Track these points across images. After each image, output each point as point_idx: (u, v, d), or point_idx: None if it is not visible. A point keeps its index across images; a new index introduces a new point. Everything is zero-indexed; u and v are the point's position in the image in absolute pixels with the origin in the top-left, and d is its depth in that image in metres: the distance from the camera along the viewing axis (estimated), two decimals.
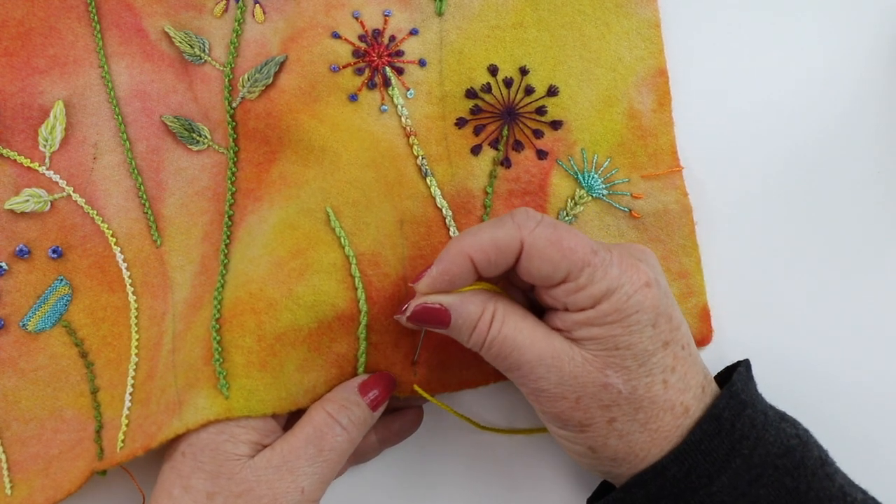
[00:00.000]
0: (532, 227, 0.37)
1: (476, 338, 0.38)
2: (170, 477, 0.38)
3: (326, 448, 0.38)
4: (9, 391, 0.43)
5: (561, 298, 0.37)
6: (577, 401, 0.37)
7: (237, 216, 0.44)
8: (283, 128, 0.45)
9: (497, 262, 0.37)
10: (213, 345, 0.40)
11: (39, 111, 0.45)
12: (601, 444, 0.37)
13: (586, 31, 0.47)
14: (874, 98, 0.49)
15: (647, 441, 0.37)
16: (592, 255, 0.36)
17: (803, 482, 0.36)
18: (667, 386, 0.37)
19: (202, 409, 0.38)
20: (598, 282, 0.36)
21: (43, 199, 0.44)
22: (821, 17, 0.49)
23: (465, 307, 0.38)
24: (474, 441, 0.46)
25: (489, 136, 0.47)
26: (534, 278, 0.37)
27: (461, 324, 0.38)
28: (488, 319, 0.37)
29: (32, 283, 0.44)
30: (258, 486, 0.37)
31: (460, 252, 0.37)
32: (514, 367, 0.37)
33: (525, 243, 0.37)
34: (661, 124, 0.47)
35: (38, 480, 0.42)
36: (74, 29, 0.45)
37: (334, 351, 0.41)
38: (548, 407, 0.37)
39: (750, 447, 0.36)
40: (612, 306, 0.36)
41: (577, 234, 0.37)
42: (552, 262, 0.36)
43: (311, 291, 0.40)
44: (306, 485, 0.38)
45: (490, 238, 0.37)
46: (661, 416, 0.37)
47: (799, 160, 0.48)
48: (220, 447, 0.38)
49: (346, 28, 0.46)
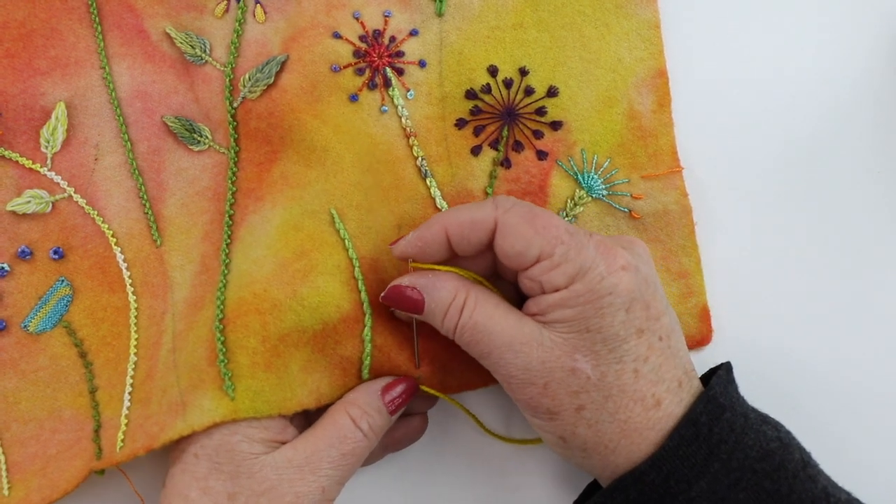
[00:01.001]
0: (508, 206, 0.38)
1: (448, 323, 0.38)
2: (183, 479, 0.38)
3: (348, 452, 0.39)
4: (9, 392, 0.43)
5: (537, 278, 0.37)
6: (545, 386, 0.37)
7: (238, 216, 0.44)
8: (284, 127, 0.45)
9: (470, 239, 0.38)
10: (217, 345, 0.40)
11: (41, 112, 0.45)
12: (570, 433, 0.37)
13: (586, 32, 0.47)
14: (874, 98, 0.49)
15: (616, 432, 0.37)
16: (567, 235, 0.37)
17: (784, 485, 0.36)
18: (637, 375, 0.37)
19: (208, 411, 0.38)
20: (571, 260, 0.37)
21: (44, 200, 0.44)
22: (821, 17, 0.49)
23: (438, 292, 0.39)
24: (475, 444, 0.46)
25: (489, 136, 0.47)
26: (510, 258, 0.38)
27: (433, 308, 0.39)
28: (460, 304, 0.38)
29: (34, 285, 0.44)
30: (280, 484, 0.37)
31: (438, 223, 0.39)
32: (485, 353, 0.38)
33: (499, 221, 0.38)
34: (661, 125, 0.47)
35: (36, 480, 0.42)
36: (76, 30, 0.46)
37: (339, 353, 0.41)
38: (518, 394, 0.38)
39: (728, 451, 0.36)
40: (586, 286, 0.36)
41: (553, 215, 0.38)
42: (525, 238, 0.37)
43: (315, 293, 0.40)
44: (327, 485, 0.38)
45: (468, 215, 0.38)
46: (631, 407, 0.37)
47: (799, 160, 0.48)
48: (237, 447, 0.38)
49: (347, 28, 0.46)
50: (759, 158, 0.48)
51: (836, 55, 0.49)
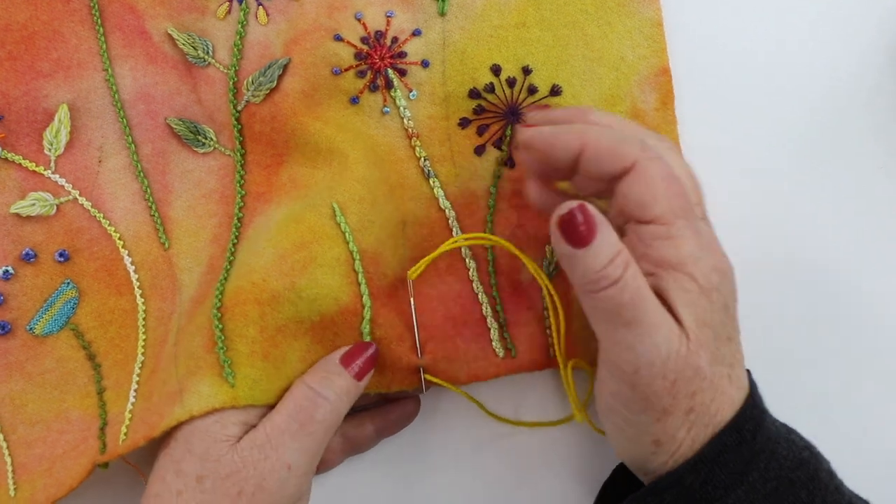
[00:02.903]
0: (654, 155, 0.35)
1: (612, 271, 0.33)
2: (163, 462, 0.38)
3: (310, 421, 0.38)
4: (16, 395, 0.43)
5: (648, 240, 0.35)
6: (674, 384, 0.34)
7: (246, 218, 0.45)
8: (288, 131, 0.45)
9: (601, 165, 0.35)
10: (215, 333, 0.40)
11: (44, 115, 0.45)
12: (670, 437, 0.35)
13: (589, 31, 0.47)
14: (876, 96, 0.49)
15: (701, 436, 0.35)
16: (691, 214, 0.35)
17: (818, 496, 0.35)
18: (730, 380, 0.36)
19: (206, 397, 0.38)
20: (687, 239, 0.34)
21: (49, 202, 0.44)
22: (823, 15, 0.49)
23: (611, 234, 0.34)
24: (473, 432, 0.46)
25: (493, 136, 0.47)
26: (629, 203, 0.35)
27: (600, 248, 0.34)
28: (626, 258, 0.34)
29: (39, 287, 0.44)
30: (244, 466, 0.37)
31: (579, 134, 0.36)
32: (634, 322, 0.33)
33: (638, 164, 0.35)
34: (665, 123, 0.47)
35: (42, 480, 0.42)
36: (78, 32, 0.45)
37: (337, 345, 0.41)
38: (644, 384, 0.34)
39: (766, 459, 0.35)
40: (699, 270, 0.34)
41: (685, 186, 0.36)
42: (655, 194, 0.35)
43: (313, 285, 0.40)
44: (293, 460, 0.37)
45: (612, 142, 0.35)
46: (724, 412, 0.35)
47: (802, 159, 0.48)
48: (209, 429, 0.38)
49: (349, 30, 0.46)
50: (763, 156, 0.48)
51: (840, 53, 0.49)
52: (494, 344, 0.45)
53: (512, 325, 0.45)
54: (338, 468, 0.45)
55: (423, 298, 0.45)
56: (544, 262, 0.46)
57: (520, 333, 0.45)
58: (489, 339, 0.45)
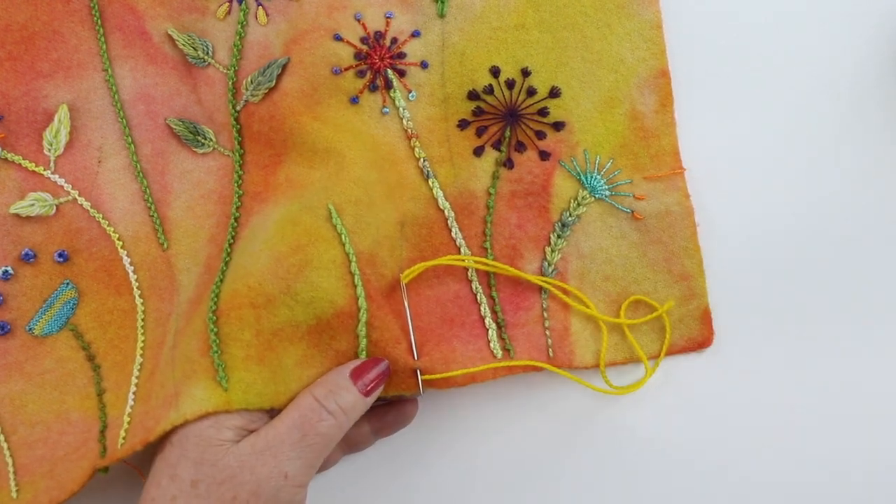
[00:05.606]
0: None
1: None
2: (159, 466, 0.38)
3: (312, 433, 0.38)
4: (15, 396, 0.43)
5: None
6: None
7: (243, 218, 0.45)
8: (286, 131, 0.45)
9: None
10: (210, 336, 0.40)
11: (44, 115, 0.45)
12: None
13: (588, 33, 0.47)
14: (876, 98, 0.49)
15: None
16: None
17: None
18: None
19: (200, 401, 0.38)
20: None
21: (48, 202, 0.44)
22: (823, 17, 0.49)
23: None
24: (468, 434, 0.46)
25: (492, 137, 0.47)
26: None
27: None
28: None
29: (38, 287, 0.44)
30: (241, 471, 0.37)
31: None
32: None
33: None
34: (664, 125, 0.47)
35: (43, 482, 0.42)
36: (78, 32, 0.45)
37: (334, 348, 0.41)
38: None
39: None
40: None
41: None
42: None
43: (309, 288, 0.40)
44: (290, 470, 0.37)
45: None
46: None
47: (801, 162, 0.48)
48: (204, 433, 0.38)
49: (348, 30, 0.46)
50: (762, 160, 0.48)
51: (840, 55, 0.49)
52: (493, 345, 0.45)
53: (511, 326, 0.45)
54: (335, 468, 0.45)
55: (420, 299, 0.45)
56: (544, 263, 0.46)
57: (519, 334, 0.45)
58: (487, 340, 0.45)
